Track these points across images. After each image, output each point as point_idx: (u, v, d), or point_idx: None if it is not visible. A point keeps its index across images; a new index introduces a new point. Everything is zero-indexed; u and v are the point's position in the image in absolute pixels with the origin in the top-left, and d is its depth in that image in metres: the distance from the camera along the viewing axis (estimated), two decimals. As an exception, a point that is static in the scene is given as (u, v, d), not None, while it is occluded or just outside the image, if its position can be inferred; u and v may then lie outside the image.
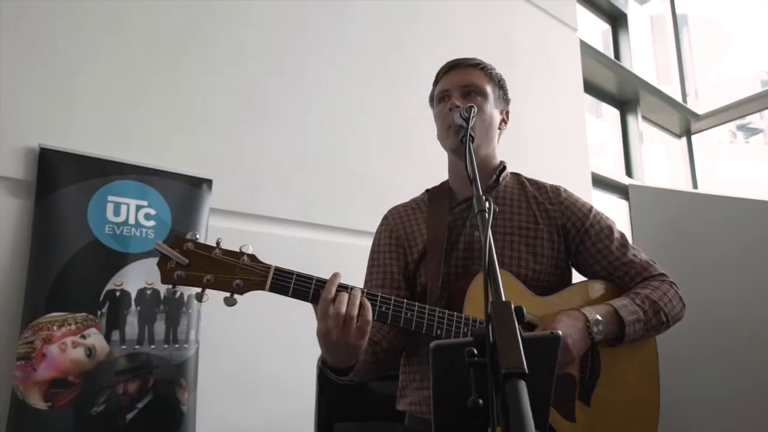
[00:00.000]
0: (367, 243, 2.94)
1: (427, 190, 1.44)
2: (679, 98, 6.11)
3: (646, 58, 6.70)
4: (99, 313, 2.12)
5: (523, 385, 0.44)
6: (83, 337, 2.07)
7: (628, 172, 5.52)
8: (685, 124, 6.21)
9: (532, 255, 1.22)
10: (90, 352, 2.08)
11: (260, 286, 1.02)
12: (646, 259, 1.26)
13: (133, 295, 2.22)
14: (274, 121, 2.80)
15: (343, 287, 1.03)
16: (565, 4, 4.88)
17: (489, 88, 1.30)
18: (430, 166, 3.30)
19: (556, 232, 1.26)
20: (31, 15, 2.19)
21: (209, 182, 2.51)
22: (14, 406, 1.90)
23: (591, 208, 1.30)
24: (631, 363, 1.15)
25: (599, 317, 1.07)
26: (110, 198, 2.25)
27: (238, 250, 1.04)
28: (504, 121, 1.35)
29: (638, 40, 6.50)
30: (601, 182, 4.84)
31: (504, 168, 1.34)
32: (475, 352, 0.52)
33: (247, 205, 2.64)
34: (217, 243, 1.03)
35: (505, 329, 0.50)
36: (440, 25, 3.69)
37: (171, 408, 2.20)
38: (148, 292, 2.25)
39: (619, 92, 5.68)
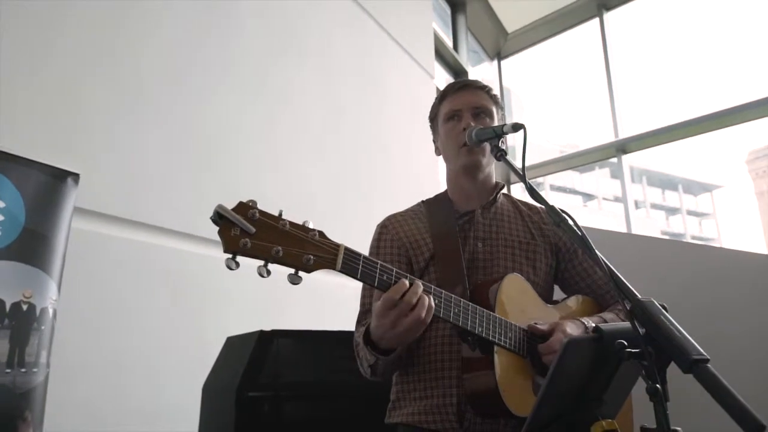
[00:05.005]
0: (253, 262, 2.84)
1: (423, 201, 1.46)
2: (503, 151, 7.05)
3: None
4: None
5: (713, 369, 0.50)
6: None
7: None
8: (507, 174, 7.17)
9: (532, 267, 1.30)
10: None
11: (331, 265, 0.94)
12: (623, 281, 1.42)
13: (-32, 307, 1.76)
14: (158, 122, 2.52)
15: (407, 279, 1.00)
16: (425, 52, 5.34)
17: (494, 111, 1.37)
18: (313, 183, 3.33)
19: (550, 250, 1.35)
20: None
21: (76, 176, 2.13)
22: None
23: None
24: None
25: (594, 326, 1.19)
26: (-57, 183, 1.78)
27: (303, 224, 0.94)
28: (503, 142, 1.41)
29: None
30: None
31: (502, 187, 1.42)
32: (626, 344, 0.57)
33: (120, 207, 2.31)
34: (280, 214, 0.92)
35: (667, 323, 0.56)
36: (321, 53, 3.75)
37: (9, 449, 1.77)
38: (-11, 303, 1.80)
39: (460, 139, 6.34)
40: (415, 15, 5.29)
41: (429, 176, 4.91)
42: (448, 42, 6.72)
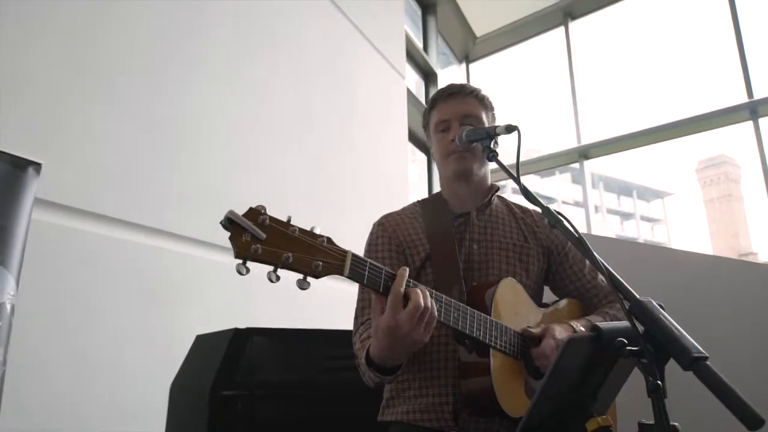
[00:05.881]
0: (217, 257, 2.78)
1: (419, 201, 1.47)
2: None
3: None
4: None
5: (713, 366, 0.52)
6: None
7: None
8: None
9: (524, 270, 1.32)
10: None
11: (339, 271, 0.96)
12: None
13: None
14: (127, 114, 2.44)
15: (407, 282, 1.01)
16: (396, 53, 5.35)
17: (484, 116, 1.37)
18: (276, 178, 3.29)
19: (542, 253, 1.38)
20: None
21: (37, 166, 2.03)
22: None
23: None
24: None
25: (583, 329, 1.23)
26: None
27: (311, 230, 0.95)
28: (495, 143, 1.39)
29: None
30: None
31: (497, 189, 1.43)
32: (626, 342, 0.58)
33: (84, 200, 2.22)
34: (289, 219, 0.93)
35: (666, 322, 0.57)
36: (295, 50, 3.71)
37: (-40, 452, 1.67)
38: (-59, 297, 1.70)
39: (428, 140, 6.40)
40: (387, 15, 5.29)
41: (398, 176, 4.93)
42: (418, 43, 6.76)
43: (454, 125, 1.34)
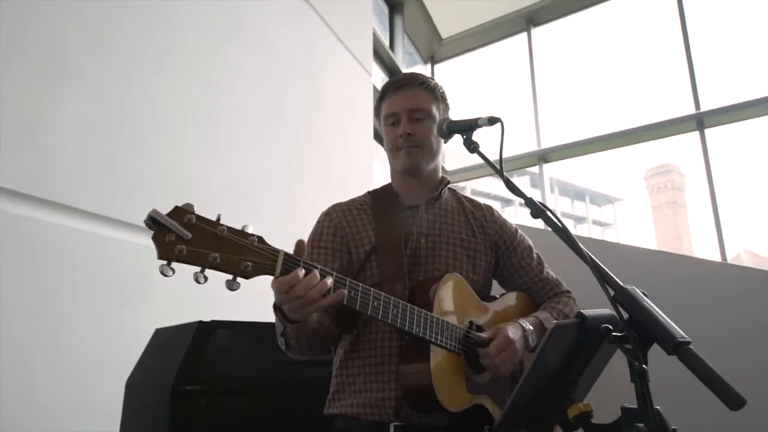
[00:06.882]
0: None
1: (369, 192, 1.44)
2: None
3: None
4: None
5: (695, 351, 0.54)
6: None
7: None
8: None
9: (471, 265, 1.33)
10: None
11: (269, 271, 0.92)
12: (556, 277, 1.47)
13: None
14: (81, 94, 2.31)
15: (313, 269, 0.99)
16: (364, 50, 5.34)
17: (434, 108, 1.35)
18: (241, 173, 3.22)
19: (490, 247, 1.38)
20: None
21: (-15, 149, 1.92)
22: None
23: (517, 229, 1.47)
24: None
25: (532, 328, 1.25)
26: None
27: (241, 229, 0.91)
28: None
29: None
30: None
31: (447, 183, 1.42)
32: (611, 328, 0.59)
33: (29, 184, 2.09)
34: (218, 218, 0.89)
35: (650, 309, 0.59)
36: (264, 44, 3.64)
37: None
38: None
39: (392, 139, 6.42)
40: (355, 12, 5.27)
41: (362, 174, 4.92)
42: (385, 42, 6.77)
43: (403, 120, 1.32)
